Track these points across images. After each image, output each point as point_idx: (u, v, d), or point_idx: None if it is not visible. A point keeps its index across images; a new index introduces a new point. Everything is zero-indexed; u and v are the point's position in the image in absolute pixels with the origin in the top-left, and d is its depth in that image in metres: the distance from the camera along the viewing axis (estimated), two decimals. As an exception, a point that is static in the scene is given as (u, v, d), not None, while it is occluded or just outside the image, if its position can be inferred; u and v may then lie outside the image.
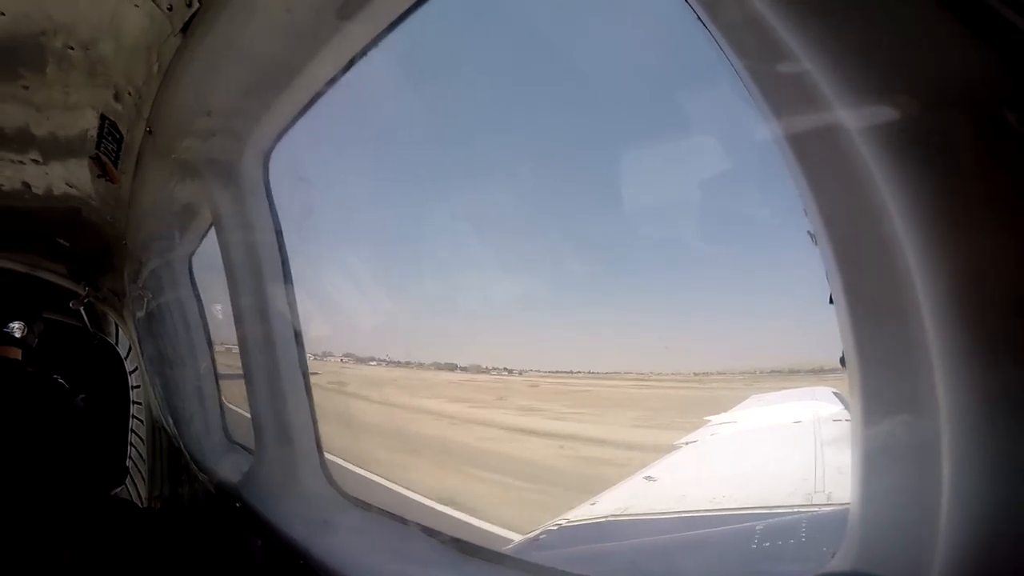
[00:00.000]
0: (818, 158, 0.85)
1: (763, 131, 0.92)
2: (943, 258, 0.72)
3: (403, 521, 1.98)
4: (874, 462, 0.91)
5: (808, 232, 0.88)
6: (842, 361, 0.90)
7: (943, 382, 0.76)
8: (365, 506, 2.13)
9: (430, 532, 1.90)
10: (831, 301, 0.88)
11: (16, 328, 2.67)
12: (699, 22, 0.92)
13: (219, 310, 3.05)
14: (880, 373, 0.87)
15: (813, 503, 2.59)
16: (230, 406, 3.25)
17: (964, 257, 0.72)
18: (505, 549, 2.75)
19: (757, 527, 2.29)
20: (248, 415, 2.42)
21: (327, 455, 2.25)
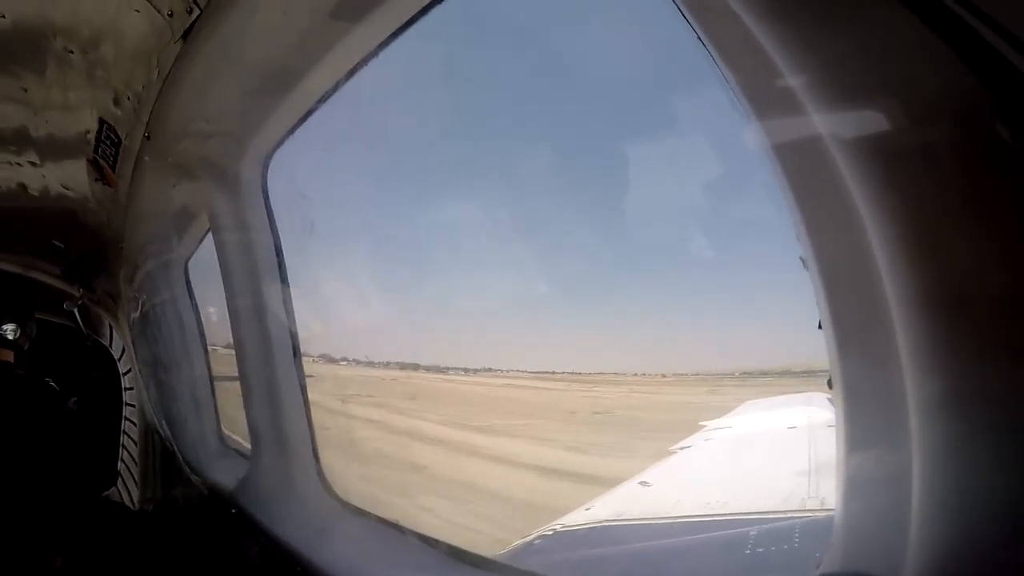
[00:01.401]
0: (809, 181, 0.87)
1: (753, 142, 0.94)
2: (919, 266, 0.75)
3: (399, 528, 1.99)
4: (856, 467, 0.93)
5: (800, 258, 0.90)
6: (829, 384, 0.91)
7: (920, 402, 0.78)
8: (362, 513, 2.13)
9: (426, 539, 1.90)
10: (820, 327, 0.89)
11: (9, 330, 2.66)
12: (698, 41, 0.94)
13: (215, 314, 3.05)
14: (864, 402, 0.88)
15: (807, 508, 2.60)
16: (225, 410, 3.24)
17: (940, 264, 0.74)
18: (499, 555, 2.76)
19: (751, 532, 2.30)
20: (243, 419, 2.42)
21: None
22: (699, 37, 0.93)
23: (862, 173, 0.77)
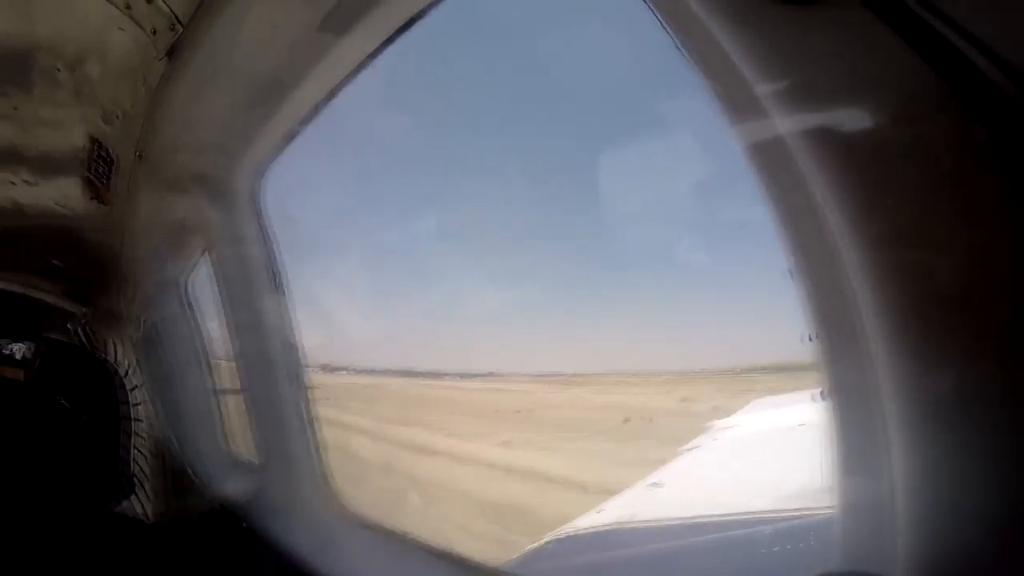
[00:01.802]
0: (784, 184, 0.86)
1: (731, 149, 0.94)
2: (890, 267, 0.76)
3: (408, 540, 1.97)
4: (844, 468, 0.93)
5: (788, 271, 0.89)
6: (822, 395, 0.92)
7: (897, 398, 0.78)
8: (370, 525, 2.12)
9: (435, 551, 1.88)
10: (811, 339, 0.89)
11: (16, 350, 2.68)
12: (676, 49, 0.95)
13: (217, 328, 3.04)
14: (854, 408, 0.88)
15: (821, 505, 2.56)
16: (232, 424, 3.24)
17: (910, 266, 0.75)
18: (510, 560, 2.74)
19: (765, 531, 2.27)
20: (250, 433, 2.41)
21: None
22: (676, 44, 0.94)
23: (833, 175, 0.78)
